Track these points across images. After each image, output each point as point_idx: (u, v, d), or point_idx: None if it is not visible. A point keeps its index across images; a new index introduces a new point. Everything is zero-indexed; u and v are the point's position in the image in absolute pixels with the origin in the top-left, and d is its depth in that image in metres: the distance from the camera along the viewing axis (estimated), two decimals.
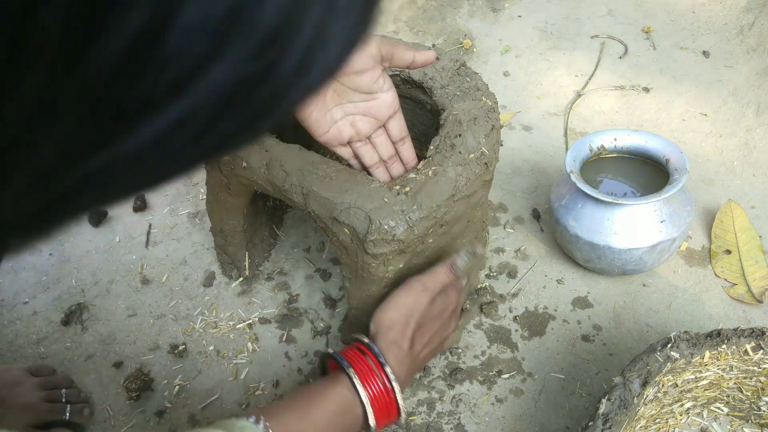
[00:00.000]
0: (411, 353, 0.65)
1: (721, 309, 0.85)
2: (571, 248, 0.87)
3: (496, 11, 1.44)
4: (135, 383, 0.78)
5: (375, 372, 0.61)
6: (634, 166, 0.88)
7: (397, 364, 0.63)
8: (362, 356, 0.63)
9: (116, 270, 0.94)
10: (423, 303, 0.66)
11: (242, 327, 0.86)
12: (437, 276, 0.69)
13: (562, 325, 0.84)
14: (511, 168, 1.08)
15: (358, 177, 0.69)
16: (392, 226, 0.65)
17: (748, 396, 0.69)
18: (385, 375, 0.61)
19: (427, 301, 0.67)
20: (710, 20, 1.32)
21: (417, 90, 0.85)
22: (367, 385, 0.60)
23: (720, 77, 1.20)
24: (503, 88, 1.24)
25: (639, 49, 1.30)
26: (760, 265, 0.88)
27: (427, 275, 0.69)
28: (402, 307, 0.66)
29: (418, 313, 0.66)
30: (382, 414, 0.62)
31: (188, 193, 1.06)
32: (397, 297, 0.67)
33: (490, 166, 0.74)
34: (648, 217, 0.80)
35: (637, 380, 0.61)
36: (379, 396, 0.61)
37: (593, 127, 1.15)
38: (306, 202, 0.69)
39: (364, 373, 0.61)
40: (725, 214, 0.94)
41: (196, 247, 0.97)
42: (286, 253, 0.95)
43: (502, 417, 0.75)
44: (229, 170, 0.75)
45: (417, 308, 0.66)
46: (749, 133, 1.09)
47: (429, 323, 0.67)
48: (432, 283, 0.68)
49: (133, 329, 0.86)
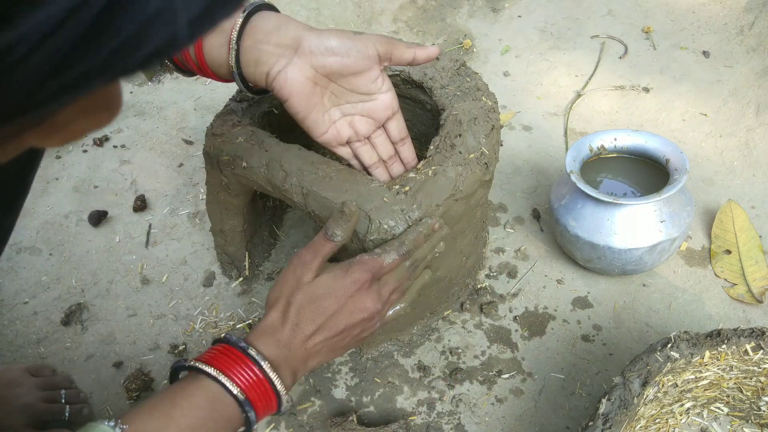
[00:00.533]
0: (294, 335, 0.57)
1: (721, 309, 0.85)
2: (571, 248, 0.87)
3: (496, 11, 1.44)
4: (135, 383, 0.78)
5: (239, 360, 0.54)
6: (634, 166, 0.88)
7: (273, 346, 0.56)
8: (221, 351, 0.55)
9: (116, 270, 0.94)
10: (307, 277, 0.60)
11: (242, 327, 0.86)
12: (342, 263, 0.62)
13: (562, 325, 0.84)
14: (511, 168, 1.08)
15: (358, 177, 0.69)
16: (392, 226, 0.65)
17: (748, 396, 0.69)
18: (251, 359, 0.54)
19: (311, 275, 0.60)
20: (710, 20, 1.32)
21: (417, 90, 0.85)
22: (232, 374, 0.53)
23: (720, 77, 1.20)
24: (503, 88, 1.24)
25: (639, 49, 1.30)
26: (760, 265, 0.88)
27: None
28: (282, 284, 0.60)
29: (302, 289, 0.59)
30: (260, 404, 0.54)
31: (188, 193, 1.06)
32: (282, 273, 0.61)
33: (490, 166, 0.74)
34: (648, 217, 0.80)
35: (637, 380, 0.61)
36: (251, 384, 0.53)
37: (593, 127, 1.15)
38: (306, 202, 0.69)
39: (225, 364, 0.53)
40: (725, 214, 0.94)
41: (196, 247, 0.97)
42: (286, 253, 0.95)
43: (502, 417, 0.75)
44: (229, 170, 0.75)
45: (300, 283, 0.59)
46: (749, 133, 1.09)
47: (318, 302, 0.58)
48: (315, 259, 0.61)
49: (133, 329, 0.86)
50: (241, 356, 0.54)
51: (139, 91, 1.30)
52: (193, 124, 1.21)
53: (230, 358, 0.54)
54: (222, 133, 0.77)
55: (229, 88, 1.29)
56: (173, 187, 1.08)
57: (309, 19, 1.40)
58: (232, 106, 0.81)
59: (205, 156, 0.78)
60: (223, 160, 0.75)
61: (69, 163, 1.13)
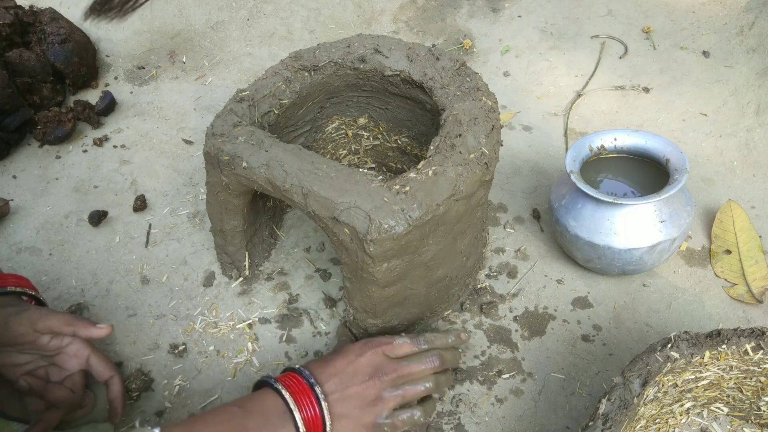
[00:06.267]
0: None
1: (721, 309, 0.85)
2: (571, 248, 0.87)
3: (496, 11, 1.44)
4: (135, 383, 0.79)
5: (306, 392, 0.64)
6: (634, 166, 0.88)
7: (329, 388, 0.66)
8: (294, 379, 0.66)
9: (116, 270, 0.94)
10: (347, 357, 0.68)
11: (242, 327, 0.86)
12: (378, 339, 0.71)
13: (562, 325, 0.84)
14: (511, 168, 1.08)
15: (358, 177, 0.69)
16: (392, 225, 0.65)
17: (748, 396, 0.69)
18: (314, 395, 0.64)
19: (353, 356, 0.69)
20: (710, 20, 1.32)
21: (417, 90, 0.85)
22: (299, 403, 0.64)
23: (720, 77, 1.20)
24: (503, 88, 1.24)
25: (639, 49, 1.30)
26: (760, 265, 0.88)
27: None
28: (331, 357, 0.69)
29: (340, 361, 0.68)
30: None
31: (188, 193, 1.06)
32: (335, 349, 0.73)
33: (490, 166, 0.74)
34: (648, 217, 0.80)
35: (637, 380, 0.61)
36: (310, 417, 0.64)
37: (593, 127, 1.15)
38: (306, 202, 0.69)
39: (295, 391, 0.65)
40: (725, 214, 0.94)
41: (196, 247, 0.97)
42: (286, 253, 0.95)
43: (502, 417, 0.75)
44: (229, 170, 0.75)
45: (339, 357, 0.69)
46: (749, 133, 1.09)
47: (349, 378, 0.67)
48: (367, 344, 0.70)
49: (133, 329, 0.86)
50: (309, 390, 0.65)
51: (139, 91, 1.30)
52: (193, 124, 1.21)
53: (301, 389, 0.65)
54: (222, 133, 0.77)
55: (228, 88, 1.29)
56: (173, 187, 1.08)
57: (309, 19, 1.41)
58: (232, 106, 0.81)
59: (205, 156, 0.78)
60: (223, 160, 0.75)
61: (69, 163, 1.13)
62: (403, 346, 0.70)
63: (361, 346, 0.69)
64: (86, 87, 1.31)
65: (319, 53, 0.86)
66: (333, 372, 0.67)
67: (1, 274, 0.78)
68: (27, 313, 0.70)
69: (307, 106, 0.90)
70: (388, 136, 0.98)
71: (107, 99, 1.23)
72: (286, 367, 0.70)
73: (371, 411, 0.66)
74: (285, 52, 1.35)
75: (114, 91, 1.27)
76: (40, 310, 0.72)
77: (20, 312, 0.70)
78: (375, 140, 1.00)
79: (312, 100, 0.90)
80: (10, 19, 1.20)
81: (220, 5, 1.40)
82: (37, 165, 1.13)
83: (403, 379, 0.68)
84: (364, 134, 0.99)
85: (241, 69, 1.34)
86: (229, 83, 1.30)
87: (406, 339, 0.71)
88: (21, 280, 0.79)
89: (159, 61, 1.36)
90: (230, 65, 1.35)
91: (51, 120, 1.15)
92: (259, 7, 1.41)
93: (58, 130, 1.15)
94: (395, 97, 0.90)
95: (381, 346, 0.69)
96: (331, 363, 0.68)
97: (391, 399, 0.67)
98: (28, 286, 0.78)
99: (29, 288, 0.78)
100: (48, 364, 0.72)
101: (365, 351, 0.69)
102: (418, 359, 0.70)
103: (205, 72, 1.34)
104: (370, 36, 0.88)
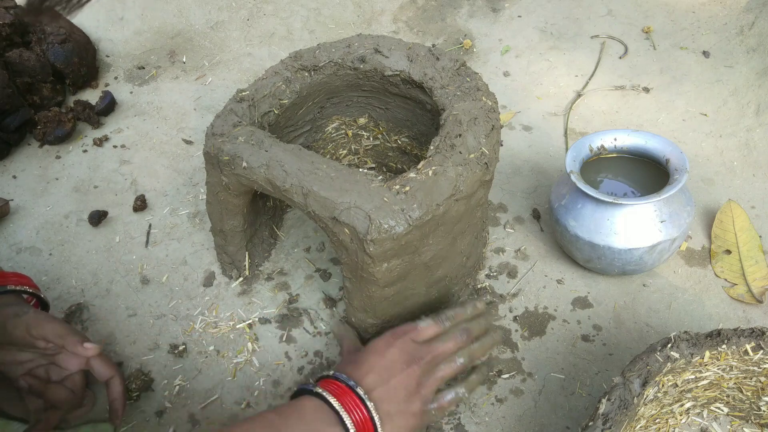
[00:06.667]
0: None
1: (721, 309, 0.85)
2: (571, 248, 0.87)
3: (496, 11, 1.44)
4: (135, 383, 0.79)
5: (348, 394, 0.62)
6: (634, 166, 0.88)
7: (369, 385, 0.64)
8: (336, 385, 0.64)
9: (116, 270, 0.94)
10: (379, 348, 0.67)
11: (242, 327, 0.86)
12: (409, 326, 0.70)
13: (562, 325, 0.84)
14: (511, 168, 1.08)
15: (358, 177, 0.69)
16: (392, 225, 0.65)
17: (748, 396, 0.69)
18: (357, 396, 0.62)
19: (383, 346, 0.67)
20: (710, 20, 1.32)
21: (417, 90, 0.85)
22: (345, 406, 0.61)
23: (720, 77, 1.20)
24: (503, 88, 1.24)
25: (639, 49, 1.30)
26: (760, 265, 0.88)
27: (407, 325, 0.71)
28: (360, 356, 0.68)
29: (373, 353, 0.67)
30: None
31: (188, 193, 1.06)
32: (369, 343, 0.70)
33: (490, 166, 0.74)
34: (648, 217, 0.80)
35: (637, 380, 0.61)
36: (359, 420, 0.61)
37: (593, 127, 1.15)
38: (306, 202, 0.69)
39: (339, 394, 0.62)
40: (725, 214, 0.94)
41: (196, 247, 0.97)
42: (286, 253, 0.95)
43: (502, 417, 0.75)
44: (229, 170, 0.75)
45: (371, 349, 0.67)
46: (749, 133, 1.09)
47: (385, 369, 0.66)
48: (399, 331, 0.69)
49: (133, 329, 0.86)
50: (350, 393, 0.63)
51: (139, 91, 1.30)
52: (193, 124, 1.21)
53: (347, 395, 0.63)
54: (222, 133, 0.77)
55: (228, 88, 1.29)
56: (173, 187, 1.08)
57: (309, 19, 1.41)
58: (232, 106, 0.81)
59: (205, 156, 0.78)
60: (223, 160, 0.75)
61: (69, 163, 1.13)
62: (428, 328, 0.70)
63: (387, 338, 0.68)
64: (86, 87, 1.31)
65: (319, 53, 0.86)
66: (367, 369, 0.64)
67: (3, 272, 0.78)
68: (24, 318, 0.70)
69: (307, 106, 0.90)
70: (388, 136, 0.98)
71: (107, 99, 1.23)
72: (317, 377, 0.67)
73: (417, 398, 0.65)
74: (285, 52, 1.35)
75: (114, 91, 1.27)
76: (37, 316, 0.71)
77: (18, 315, 0.70)
78: (375, 140, 1.00)
79: (312, 100, 0.90)
80: (10, 19, 1.20)
81: (220, 5, 1.40)
82: (37, 165, 1.13)
83: (437, 359, 0.68)
84: (364, 134, 0.99)
85: (241, 69, 1.34)
86: (229, 83, 1.31)
87: (429, 321, 0.71)
88: (22, 278, 0.78)
89: (159, 61, 1.36)
90: (230, 65, 1.35)
91: (51, 120, 1.15)
92: (259, 7, 1.41)
93: (58, 130, 1.16)
94: (395, 97, 0.90)
95: (407, 333, 0.68)
96: (362, 361, 0.66)
97: (433, 382, 0.67)
98: (29, 284, 0.78)
99: (30, 286, 0.78)
100: (48, 363, 0.72)
101: (393, 341, 0.67)
102: (447, 337, 0.69)
103: (205, 72, 1.34)
104: (370, 36, 0.88)
